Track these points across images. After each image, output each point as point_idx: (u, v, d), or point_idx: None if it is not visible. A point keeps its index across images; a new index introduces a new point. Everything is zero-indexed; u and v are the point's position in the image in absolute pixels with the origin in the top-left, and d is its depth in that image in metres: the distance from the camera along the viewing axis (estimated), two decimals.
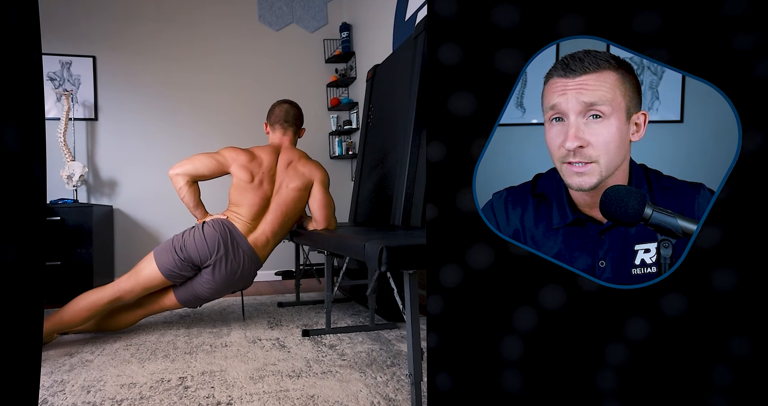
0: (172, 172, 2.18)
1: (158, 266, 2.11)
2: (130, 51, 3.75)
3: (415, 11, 2.89)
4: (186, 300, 2.22)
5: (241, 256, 2.16)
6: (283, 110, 2.41)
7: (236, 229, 2.18)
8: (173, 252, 2.11)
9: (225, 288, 2.20)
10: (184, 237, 2.14)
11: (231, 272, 2.15)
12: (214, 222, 2.17)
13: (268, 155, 2.30)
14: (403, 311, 1.65)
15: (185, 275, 2.15)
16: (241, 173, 2.22)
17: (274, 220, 2.24)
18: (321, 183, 2.31)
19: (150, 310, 2.25)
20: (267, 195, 2.25)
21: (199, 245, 2.11)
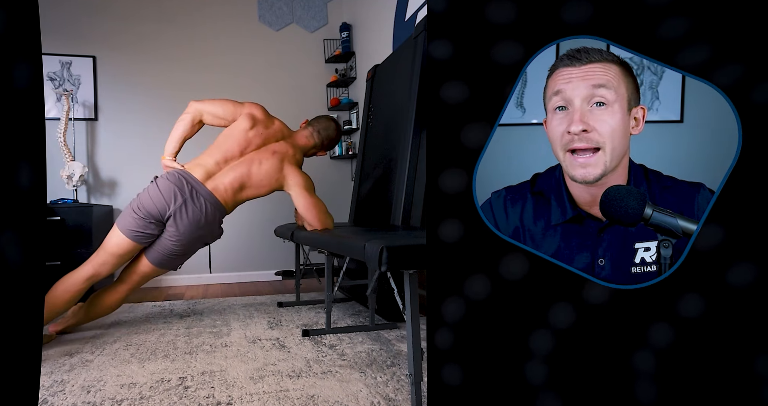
0: (194, 101, 2.28)
1: (121, 230, 2.14)
2: (130, 51, 3.75)
3: (415, 11, 2.89)
4: (160, 261, 2.22)
5: (201, 202, 2.16)
6: (327, 125, 2.51)
7: (192, 176, 2.19)
8: (132, 212, 2.13)
9: (193, 239, 2.19)
10: (140, 195, 2.16)
11: (194, 219, 2.15)
12: (168, 174, 2.19)
13: (278, 130, 2.37)
14: (403, 311, 1.65)
15: (150, 233, 2.15)
16: (244, 122, 2.29)
17: (235, 176, 2.23)
18: (303, 187, 2.31)
19: (131, 282, 2.26)
20: (245, 150, 2.28)
21: (155, 199, 2.12)
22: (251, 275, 3.92)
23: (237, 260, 3.88)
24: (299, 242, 2.35)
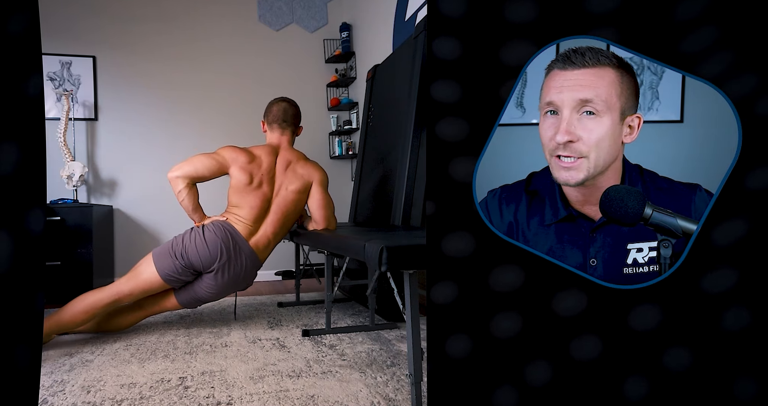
0: (171, 174, 2.12)
1: (158, 270, 2.09)
2: (130, 51, 3.75)
3: (415, 11, 2.88)
4: (187, 302, 2.22)
5: (243, 260, 2.15)
6: (281, 109, 2.38)
7: (237, 232, 2.16)
8: (174, 257, 2.08)
9: (227, 290, 2.20)
10: (184, 242, 2.10)
11: (234, 275, 2.15)
12: (214, 226, 2.13)
13: (267, 156, 2.28)
14: (403, 311, 1.65)
15: (185, 280, 2.14)
16: (241, 175, 2.19)
17: (275, 221, 2.23)
18: (320, 183, 2.31)
19: (150, 311, 2.25)
20: (267, 197, 2.24)
21: (201, 251, 2.08)
22: None
23: None
24: (299, 242, 2.35)
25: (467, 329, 0.93)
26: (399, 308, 2.35)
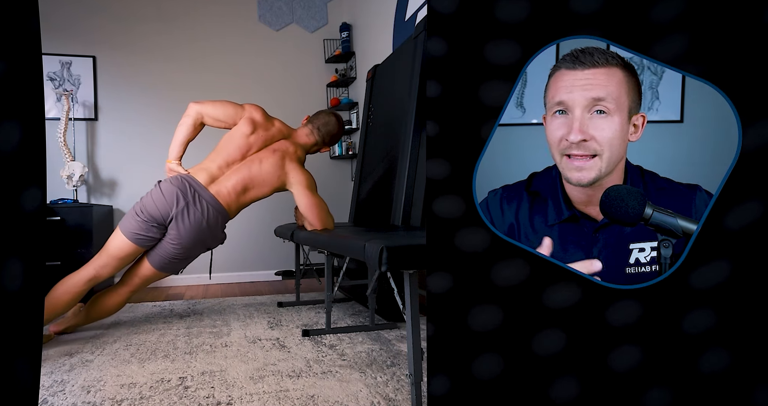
0: (194, 104, 2.28)
1: (123, 232, 2.14)
2: (130, 51, 3.75)
3: (415, 11, 2.89)
4: (161, 264, 2.22)
5: (204, 206, 2.17)
6: (326, 119, 2.51)
7: (196, 180, 2.20)
8: (134, 215, 2.15)
9: (194, 243, 2.19)
10: (143, 199, 2.17)
11: (196, 222, 2.15)
12: (171, 178, 2.20)
13: (278, 131, 2.38)
14: (403, 311, 1.65)
15: (152, 236, 2.16)
16: (245, 126, 2.30)
17: (238, 180, 2.25)
18: (305, 186, 2.31)
19: (132, 285, 2.26)
20: (246, 154, 2.30)
21: (158, 201, 2.13)
22: (251, 275, 3.92)
23: (237, 260, 3.88)
24: (299, 242, 2.35)
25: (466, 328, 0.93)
26: (399, 308, 2.35)
